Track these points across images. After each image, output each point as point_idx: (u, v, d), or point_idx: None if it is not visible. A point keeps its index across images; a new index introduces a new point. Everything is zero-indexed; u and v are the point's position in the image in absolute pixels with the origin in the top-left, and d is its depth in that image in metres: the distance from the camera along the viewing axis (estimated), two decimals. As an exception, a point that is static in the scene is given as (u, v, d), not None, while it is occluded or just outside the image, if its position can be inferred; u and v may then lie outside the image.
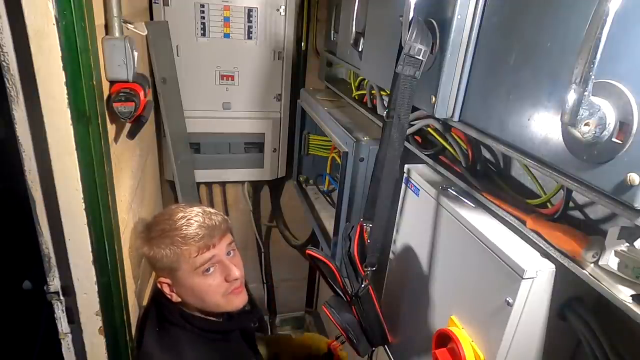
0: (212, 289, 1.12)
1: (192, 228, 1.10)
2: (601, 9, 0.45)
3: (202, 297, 1.13)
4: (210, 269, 1.12)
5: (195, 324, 1.15)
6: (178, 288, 1.14)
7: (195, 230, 1.10)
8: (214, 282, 1.12)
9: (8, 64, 0.84)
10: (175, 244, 1.09)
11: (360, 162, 1.20)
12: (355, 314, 1.00)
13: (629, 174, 0.49)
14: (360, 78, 1.49)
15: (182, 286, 1.12)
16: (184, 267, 1.10)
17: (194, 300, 1.14)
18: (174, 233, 1.09)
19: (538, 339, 0.73)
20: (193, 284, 1.11)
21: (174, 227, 1.10)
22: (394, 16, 0.97)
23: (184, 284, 1.12)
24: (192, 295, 1.13)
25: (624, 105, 0.50)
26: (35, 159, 0.92)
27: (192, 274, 1.10)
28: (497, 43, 0.71)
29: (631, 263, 0.57)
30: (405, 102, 0.80)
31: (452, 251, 0.85)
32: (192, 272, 1.10)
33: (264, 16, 1.85)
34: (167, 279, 1.13)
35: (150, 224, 1.16)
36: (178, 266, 1.10)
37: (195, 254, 1.09)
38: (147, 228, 1.16)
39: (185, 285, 1.12)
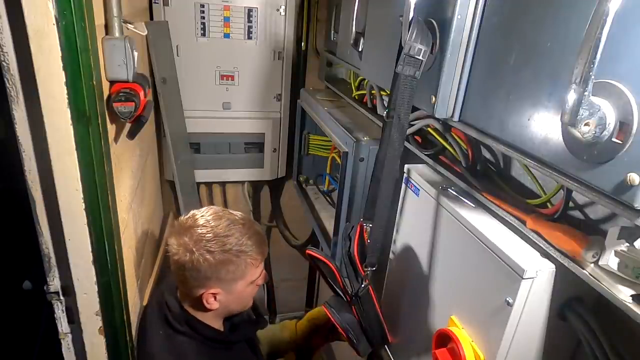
0: (252, 293, 1.16)
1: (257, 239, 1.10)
2: (601, 9, 0.45)
3: (245, 303, 1.16)
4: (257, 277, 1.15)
5: (202, 333, 1.13)
6: (227, 296, 1.11)
7: (258, 244, 1.10)
8: (254, 288, 1.16)
9: (8, 64, 0.84)
10: (242, 257, 1.07)
11: (360, 162, 1.20)
12: (355, 314, 1.00)
13: (629, 174, 0.49)
14: (360, 78, 1.49)
15: (233, 294, 1.11)
16: (248, 278, 1.10)
17: (236, 306, 1.16)
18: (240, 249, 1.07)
19: (538, 339, 0.73)
20: (245, 293, 1.13)
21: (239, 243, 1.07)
22: (394, 16, 0.97)
23: (236, 292, 1.11)
24: (236, 302, 1.15)
25: (624, 105, 0.50)
26: (35, 159, 0.92)
27: (249, 284, 1.12)
28: (497, 43, 0.71)
29: (631, 263, 0.57)
30: (405, 102, 0.80)
31: (452, 251, 0.85)
32: (249, 282, 1.11)
33: (264, 16, 1.85)
34: (217, 289, 1.09)
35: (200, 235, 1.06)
36: (242, 277, 1.09)
37: (259, 265, 1.12)
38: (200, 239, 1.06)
39: (237, 294, 1.12)
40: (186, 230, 1.07)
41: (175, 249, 1.07)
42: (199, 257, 1.04)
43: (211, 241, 1.05)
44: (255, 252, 1.09)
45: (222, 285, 1.08)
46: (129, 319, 1.21)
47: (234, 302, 1.14)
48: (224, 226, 1.07)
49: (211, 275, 1.06)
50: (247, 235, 1.08)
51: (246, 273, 1.09)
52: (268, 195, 2.32)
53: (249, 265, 1.08)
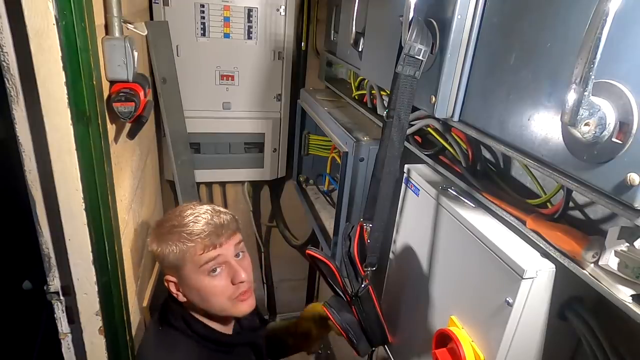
0: (217, 290, 1.09)
1: (198, 225, 1.07)
2: (601, 9, 0.45)
3: (207, 298, 1.10)
4: (217, 270, 1.08)
5: (197, 330, 1.12)
6: (184, 287, 1.11)
7: (202, 227, 1.07)
8: (219, 284, 1.08)
9: (8, 64, 0.84)
10: (182, 240, 1.06)
11: (360, 162, 1.20)
12: (355, 314, 1.00)
13: (629, 174, 0.49)
14: (360, 78, 1.49)
15: (187, 285, 1.10)
16: (189, 265, 1.07)
17: (199, 301, 1.11)
18: (181, 229, 1.07)
19: (538, 339, 0.73)
20: (199, 284, 1.08)
21: (182, 224, 1.08)
22: (394, 16, 0.97)
23: (189, 283, 1.09)
24: (197, 296, 1.10)
25: (624, 105, 0.50)
26: (35, 159, 0.92)
27: (198, 273, 1.07)
28: (497, 43, 0.71)
29: (631, 263, 0.57)
30: (405, 102, 0.80)
31: (452, 251, 0.85)
32: (197, 270, 1.07)
33: (264, 16, 1.85)
34: (174, 277, 1.11)
35: (160, 221, 1.15)
36: (183, 264, 1.07)
37: (200, 252, 1.06)
38: (158, 225, 1.14)
39: (190, 284, 1.09)
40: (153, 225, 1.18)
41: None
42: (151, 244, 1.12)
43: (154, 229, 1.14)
44: (194, 232, 1.06)
45: (172, 272, 1.10)
46: (129, 319, 1.21)
47: (196, 297, 1.10)
48: (179, 216, 1.10)
49: (161, 260, 1.11)
50: (189, 217, 1.09)
51: (186, 254, 1.06)
52: (268, 195, 2.32)
53: (189, 247, 1.05)
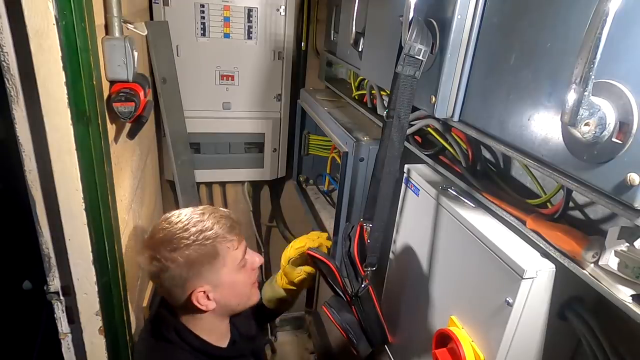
0: (248, 280, 1.08)
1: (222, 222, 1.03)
2: (601, 9, 0.45)
3: (240, 292, 1.08)
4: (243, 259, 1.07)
5: (191, 343, 1.07)
6: (217, 291, 1.03)
7: (226, 223, 1.03)
8: (246, 274, 1.07)
9: (8, 64, 0.84)
10: (217, 241, 1.00)
11: (360, 162, 1.20)
12: (355, 314, 1.00)
13: (629, 174, 0.49)
14: (360, 78, 1.49)
15: (222, 287, 1.04)
16: (229, 264, 1.03)
17: (236, 299, 1.08)
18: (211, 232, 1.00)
19: (538, 339, 0.73)
20: (237, 282, 1.05)
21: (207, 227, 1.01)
22: (394, 16, 0.97)
23: (224, 283, 1.03)
24: (234, 295, 1.07)
25: (624, 105, 0.50)
26: (35, 159, 0.92)
27: (234, 269, 1.04)
28: (497, 43, 0.71)
29: (631, 263, 0.57)
30: (405, 102, 0.80)
31: (452, 251, 0.85)
32: (234, 267, 1.04)
33: (264, 16, 1.85)
34: (205, 286, 1.02)
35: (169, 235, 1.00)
36: (223, 264, 1.02)
37: (235, 247, 1.04)
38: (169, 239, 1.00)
39: (227, 285, 1.04)
40: (146, 244, 1.03)
41: (143, 265, 1.03)
42: (166, 263, 0.98)
43: (172, 242, 0.99)
44: (224, 233, 1.02)
45: (206, 280, 1.01)
46: (129, 319, 1.21)
47: (230, 295, 1.06)
48: (180, 222, 1.02)
49: (188, 274, 0.99)
50: (208, 221, 1.02)
51: (225, 258, 1.02)
52: (268, 195, 2.32)
53: (224, 249, 1.01)
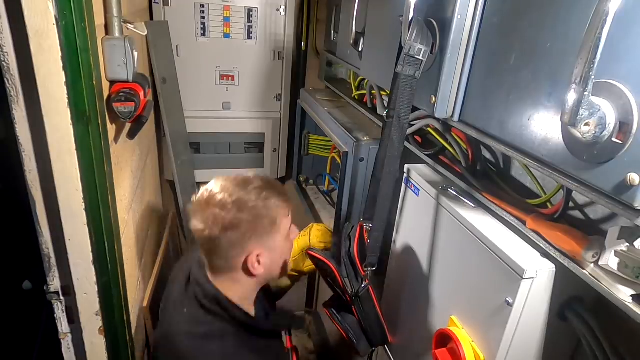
0: (289, 251, 1.09)
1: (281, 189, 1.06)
2: (601, 9, 0.45)
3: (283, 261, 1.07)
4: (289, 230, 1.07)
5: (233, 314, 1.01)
6: (270, 256, 1.02)
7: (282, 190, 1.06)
8: (289, 244, 1.09)
9: (8, 64, 0.84)
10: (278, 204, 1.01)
11: (360, 162, 1.20)
12: (355, 314, 1.00)
13: (629, 174, 0.49)
14: (360, 78, 1.49)
15: (274, 252, 1.03)
16: (282, 229, 1.03)
17: (277, 268, 1.07)
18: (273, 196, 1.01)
19: (538, 339, 0.73)
20: (284, 249, 1.06)
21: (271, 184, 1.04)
22: (394, 16, 0.97)
23: (276, 249, 1.03)
24: (278, 262, 1.06)
25: (624, 105, 0.50)
26: (35, 159, 0.92)
27: (284, 236, 1.04)
28: (497, 43, 0.71)
29: (631, 263, 0.57)
30: (405, 102, 0.80)
31: (452, 251, 0.85)
32: (285, 234, 1.04)
33: (264, 16, 1.85)
34: (260, 249, 1.00)
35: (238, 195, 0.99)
36: (278, 229, 1.02)
37: (287, 214, 1.05)
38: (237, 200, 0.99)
39: (277, 251, 1.03)
40: (207, 204, 0.99)
41: (202, 226, 0.97)
42: (232, 219, 0.96)
43: (237, 202, 0.98)
44: (281, 199, 1.03)
45: (263, 243, 1.00)
46: (129, 319, 1.21)
47: (276, 262, 1.05)
48: (241, 185, 1.01)
49: (251, 233, 0.98)
50: (266, 186, 1.02)
51: (280, 223, 1.02)
52: (268, 195, 2.32)
53: (280, 214, 1.01)
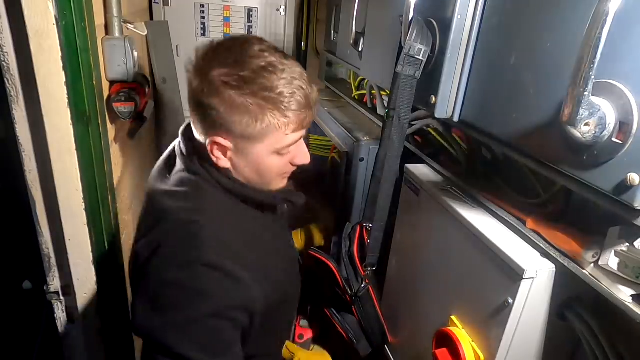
0: (278, 169, 0.84)
1: (297, 97, 0.76)
2: (601, 9, 0.45)
3: (262, 174, 0.84)
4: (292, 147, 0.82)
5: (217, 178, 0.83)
6: (240, 157, 0.81)
7: (300, 100, 0.77)
8: (281, 163, 0.83)
9: (8, 64, 0.84)
10: (275, 113, 0.75)
11: (360, 162, 1.20)
12: (355, 314, 1.00)
13: (629, 174, 0.49)
14: (360, 78, 1.49)
15: (245, 158, 0.81)
16: (268, 142, 0.78)
17: (250, 174, 0.84)
18: (275, 97, 0.74)
19: (538, 339, 0.73)
20: (265, 163, 0.82)
21: (275, 87, 0.74)
22: (394, 16, 0.97)
23: (250, 157, 0.81)
24: (250, 170, 0.83)
25: (624, 105, 0.50)
26: (35, 159, 0.92)
27: (270, 150, 0.80)
28: (497, 43, 0.71)
29: (631, 263, 0.57)
30: (405, 102, 0.80)
31: (452, 251, 0.85)
32: (272, 148, 0.80)
33: (264, 16, 1.85)
34: (227, 141, 0.78)
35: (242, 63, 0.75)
36: (261, 139, 0.78)
37: (288, 132, 0.78)
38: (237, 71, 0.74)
39: (252, 159, 0.81)
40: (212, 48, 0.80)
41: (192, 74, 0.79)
42: (213, 89, 0.74)
43: (233, 70, 0.74)
44: (287, 108, 0.75)
45: (232, 138, 0.78)
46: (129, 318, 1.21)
47: (249, 168, 0.83)
48: (258, 56, 0.75)
49: (221, 120, 0.76)
50: (285, 82, 0.75)
51: (266, 134, 0.77)
52: (268, 195, 2.31)
53: (273, 125, 0.75)
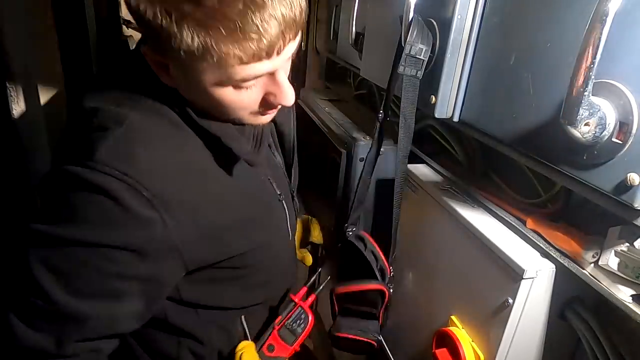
0: (240, 105, 0.62)
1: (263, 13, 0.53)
2: (601, 9, 0.45)
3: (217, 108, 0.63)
4: (252, 82, 0.60)
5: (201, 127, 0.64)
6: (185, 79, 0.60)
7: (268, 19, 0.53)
8: (246, 99, 0.62)
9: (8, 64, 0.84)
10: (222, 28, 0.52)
11: (360, 162, 1.20)
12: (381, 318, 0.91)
13: (629, 174, 0.49)
14: (360, 78, 1.49)
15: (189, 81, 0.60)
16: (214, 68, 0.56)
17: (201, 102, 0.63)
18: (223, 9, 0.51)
19: (538, 339, 0.73)
20: (213, 93, 0.60)
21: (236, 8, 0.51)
22: (394, 16, 0.97)
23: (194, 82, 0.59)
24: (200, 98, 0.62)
25: (623, 105, 0.50)
26: (36, 159, 0.92)
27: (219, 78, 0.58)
28: (497, 43, 0.71)
29: (631, 263, 0.57)
30: (410, 103, 0.80)
31: (452, 251, 0.85)
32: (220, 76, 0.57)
33: (264, 16, 1.85)
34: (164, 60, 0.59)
35: None
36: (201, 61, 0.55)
37: (246, 60, 0.55)
38: None
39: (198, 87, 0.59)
40: None
41: None
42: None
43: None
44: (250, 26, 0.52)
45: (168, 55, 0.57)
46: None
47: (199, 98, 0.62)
48: None
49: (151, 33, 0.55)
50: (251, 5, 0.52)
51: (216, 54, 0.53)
52: (268, 195, 2.31)
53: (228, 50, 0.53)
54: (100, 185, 0.54)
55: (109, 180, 0.54)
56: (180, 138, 0.63)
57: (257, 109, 0.65)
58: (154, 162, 0.58)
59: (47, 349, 0.58)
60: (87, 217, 0.56)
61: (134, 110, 0.60)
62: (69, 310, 0.58)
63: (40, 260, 0.57)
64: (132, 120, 0.59)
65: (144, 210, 0.56)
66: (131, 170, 0.56)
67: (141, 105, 0.62)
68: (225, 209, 0.67)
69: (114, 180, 0.54)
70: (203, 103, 0.63)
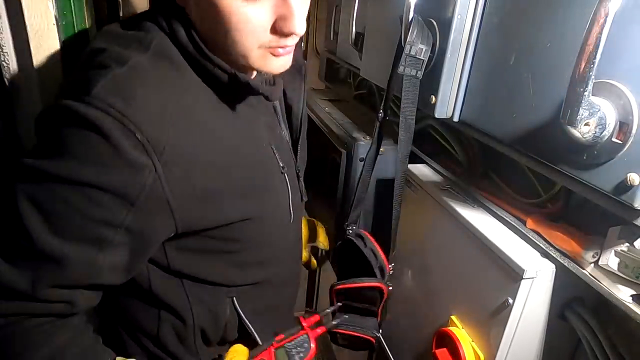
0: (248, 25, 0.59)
1: None
2: (601, 9, 0.45)
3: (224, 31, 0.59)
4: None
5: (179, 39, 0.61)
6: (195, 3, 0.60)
7: None
8: (255, 17, 0.58)
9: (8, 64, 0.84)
10: None
11: (360, 162, 1.20)
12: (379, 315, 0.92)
13: (629, 174, 0.49)
14: (360, 78, 1.49)
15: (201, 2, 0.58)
16: None
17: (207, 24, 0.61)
18: None
19: (538, 339, 0.73)
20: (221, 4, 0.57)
21: None
22: (394, 16, 0.97)
23: None
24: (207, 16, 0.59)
25: (623, 105, 0.50)
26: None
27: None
28: (497, 43, 0.71)
29: (631, 263, 0.57)
30: (410, 103, 0.80)
31: (452, 251, 0.85)
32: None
33: (264, 16, 1.85)
34: None
35: None
36: None
37: None
38: None
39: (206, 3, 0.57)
40: None
41: None
42: None
43: None
44: None
45: None
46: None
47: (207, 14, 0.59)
48: None
49: None
50: None
51: None
52: (268, 195, 2.31)
53: None
54: (92, 120, 0.52)
55: (102, 116, 0.52)
56: (184, 84, 0.61)
57: (266, 40, 0.61)
58: (153, 106, 0.55)
59: (20, 287, 0.56)
60: (75, 153, 0.53)
61: (138, 53, 0.58)
62: (48, 250, 0.55)
63: (26, 196, 0.55)
64: (135, 62, 0.57)
65: (135, 154, 0.53)
66: (128, 110, 0.53)
67: (146, 48, 0.59)
68: (222, 169, 0.64)
69: (108, 117, 0.52)
70: (209, 24, 0.60)
